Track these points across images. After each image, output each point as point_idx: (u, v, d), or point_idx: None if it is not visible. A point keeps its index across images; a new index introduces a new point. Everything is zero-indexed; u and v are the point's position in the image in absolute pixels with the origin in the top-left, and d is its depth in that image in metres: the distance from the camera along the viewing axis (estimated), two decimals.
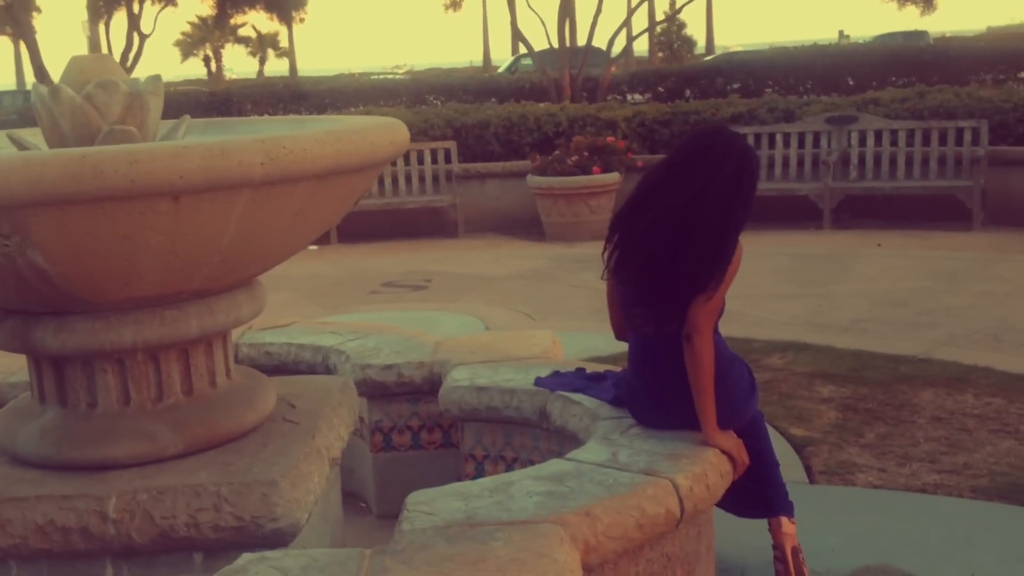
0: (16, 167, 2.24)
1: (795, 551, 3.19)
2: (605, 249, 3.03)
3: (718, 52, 39.95)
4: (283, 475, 2.67)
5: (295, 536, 2.65)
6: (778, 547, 3.20)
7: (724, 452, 2.88)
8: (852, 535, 3.72)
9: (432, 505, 2.56)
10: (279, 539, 2.62)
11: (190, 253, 2.52)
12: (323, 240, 11.02)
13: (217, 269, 2.63)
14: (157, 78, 2.87)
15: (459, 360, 3.81)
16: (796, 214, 10.82)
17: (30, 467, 2.77)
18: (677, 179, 2.92)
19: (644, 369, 3.03)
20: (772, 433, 4.71)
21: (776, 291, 8.00)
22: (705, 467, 2.77)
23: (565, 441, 3.30)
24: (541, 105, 13.44)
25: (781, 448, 4.56)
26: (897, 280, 8.15)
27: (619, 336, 3.19)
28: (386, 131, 2.78)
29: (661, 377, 2.96)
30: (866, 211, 10.83)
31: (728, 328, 6.25)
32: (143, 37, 31.57)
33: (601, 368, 3.58)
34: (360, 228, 11.26)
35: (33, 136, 2.94)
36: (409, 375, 3.86)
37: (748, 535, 3.39)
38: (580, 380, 3.42)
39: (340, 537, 3.37)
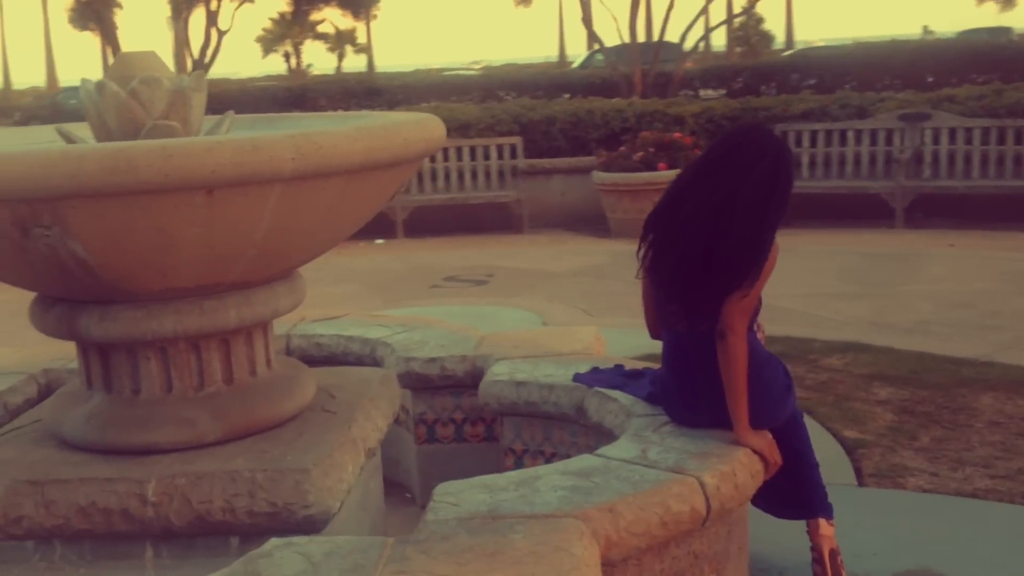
0: (55, 160, 2.33)
1: (833, 553, 3.16)
2: (640, 248, 3.02)
3: (798, 47, 39.35)
4: (316, 463, 2.73)
5: (327, 523, 2.70)
6: (816, 549, 3.17)
7: (756, 452, 2.85)
8: (896, 538, 3.66)
9: (459, 496, 2.58)
10: (311, 526, 2.68)
11: (225, 245, 2.58)
12: (389, 234, 11.17)
13: (253, 261, 2.69)
14: (200, 74, 2.94)
15: (501, 355, 3.83)
16: (867, 213, 10.63)
17: (76, 450, 2.86)
18: (712, 177, 2.89)
19: (677, 367, 3.02)
20: (824, 435, 4.68)
21: (841, 291, 7.89)
22: (734, 466, 2.75)
23: (602, 437, 3.29)
24: (608, 101, 13.37)
25: (832, 450, 4.50)
26: (966, 281, 7.97)
27: (654, 335, 3.18)
28: (419, 127, 2.79)
29: (693, 375, 2.95)
30: (939, 211, 10.59)
31: (789, 327, 6.27)
32: (220, 33, 32.17)
33: (641, 365, 3.58)
34: (425, 222, 11.39)
35: (81, 130, 3.03)
36: (452, 368, 3.89)
37: (788, 536, 3.36)
38: (618, 377, 3.42)
39: (381, 525, 3.42)
